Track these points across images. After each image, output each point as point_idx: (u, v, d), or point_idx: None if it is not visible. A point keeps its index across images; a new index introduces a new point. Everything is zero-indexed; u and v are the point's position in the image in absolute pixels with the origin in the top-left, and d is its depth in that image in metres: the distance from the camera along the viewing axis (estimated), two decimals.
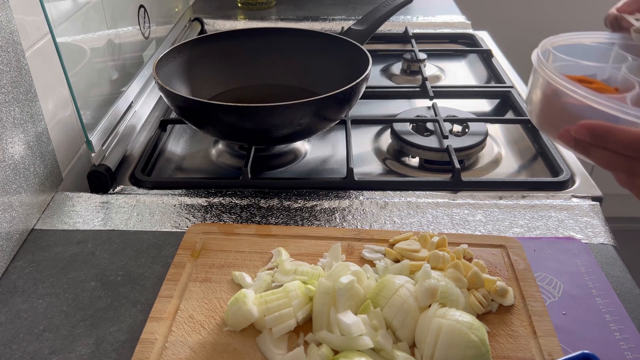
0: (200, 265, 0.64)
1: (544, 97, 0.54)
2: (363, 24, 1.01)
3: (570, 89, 0.49)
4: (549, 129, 0.55)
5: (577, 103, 0.49)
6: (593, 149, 0.47)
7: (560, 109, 0.52)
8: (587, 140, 0.47)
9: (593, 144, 0.47)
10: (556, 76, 0.51)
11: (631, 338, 0.56)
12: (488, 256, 0.65)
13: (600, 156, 0.47)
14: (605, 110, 0.47)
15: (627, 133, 0.45)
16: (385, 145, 0.93)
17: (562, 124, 0.50)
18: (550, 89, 0.52)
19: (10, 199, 0.67)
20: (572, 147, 0.49)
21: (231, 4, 1.50)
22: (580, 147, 0.48)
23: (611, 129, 0.45)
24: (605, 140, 0.46)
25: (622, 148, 0.45)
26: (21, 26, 0.70)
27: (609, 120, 0.46)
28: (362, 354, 0.51)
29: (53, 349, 0.56)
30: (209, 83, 0.98)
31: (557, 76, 0.51)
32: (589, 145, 0.47)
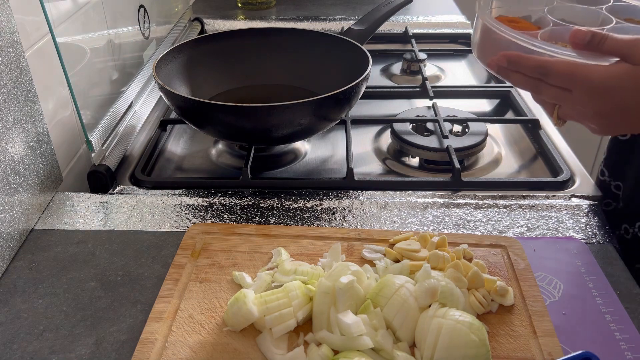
0: (200, 265, 0.64)
1: (481, 35, 0.67)
2: (363, 24, 1.01)
3: (496, 27, 0.62)
4: (484, 59, 0.67)
5: (502, 38, 0.62)
6: (510, 73, 0.61)
7: (491, 43, 0.64)
8: (505, 66, 0.61)
9: (510, 69, 0.61)
10: (489, 17, 0.64)
11: (631, 338, 0.56)
12: (488, 256, 0.65)
13: (515, 79, 0.61)
14: (519, 43, 0.60)
15: (531, 60, 0.58)
16: (385, 145, 0.93)
17: (490, 55, 0.63)
18: (484, 28, 0.65)
19: (10, 199, 0.67)
20: (496, 72, 0.63)
21: (231, 4, 1.50)
22: (502, 72, 0.62)
23: (520, 57, 0.59)
24: (517, 65, 0.59)
25: (529, 71, 0.59)
26: (21, 26, 0.70)
27: (525, 51, 0.59)
28: (362, 354, 0.51)
29: (53, 349, 0.56)
30: (209, 83, 0.98)
31: (490, 17, 0.64)
32: (508, 70, 0.61)
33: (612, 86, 0.54)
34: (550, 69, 0.56)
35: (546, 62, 0.57)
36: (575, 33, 0.56)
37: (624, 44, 0.54)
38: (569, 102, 0.58)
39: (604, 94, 0.54)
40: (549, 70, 0.57)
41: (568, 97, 0.57)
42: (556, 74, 0.56)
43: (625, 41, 0.54)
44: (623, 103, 0.54)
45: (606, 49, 0.55)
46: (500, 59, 0.61)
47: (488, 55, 0.65)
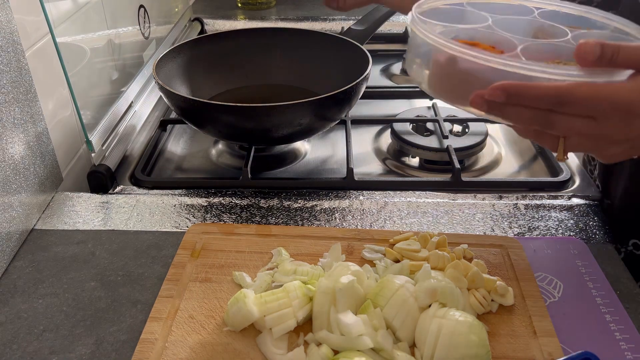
0: (200, 265, 0.64)
1: (438, 65, 0.54)
2: (363, 24, 1.01)
3: (473, 55, 0.50)
4: (448, 95, 0.56)
5: (480, 67, 0.49)
6: (508, 109, 0.49)
7: (459, 75, 0.52)
8: (502, 101, 0.48)
9: (508, 104, 0.49)
10: (449, 43, 0.51)
11: (631, 338, 0.56)
12: (488, 256, 0.65)
13: (515, 114, 0.49)
14: (508, 70, 0.48)
15: (541, 88, 0.47)
16: (385, 145, 0.93)
17: (464, 90, 0.51)
18: (444, 56, 0.52)
19: (10, 199, 0.67)
20: (484, 110, 0.50)
21: (231, 4, 1.50)
22: (494, 109, 0.50)
23: (527, 87, 0.48)
24: (521, 98, 0.48)
25: (539, 103, 0.48)
26: (21, 26, 0.70)
27: (516, 79, 0.48)
28: (362, 354, 0.51)
29: (53, 349, 0.56)
30: (209, 83, 0.98)
31: (450, 43, 0.51)
32: (504, 105, 0.49)
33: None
34: (569, 96, 0.47)
35: (564, 89, 0.47)
36: (582, 47, 0.47)
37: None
38: (589, 131, 0.48)
39: (637, 114, 0.47)
40: (567, 99, 0.47)
41: (590, 127, 0.48)
42: (576, 101, 0.47)
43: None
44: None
45: (621, 62, 0.47)
46: (495, 94, 0.48)
47: (460, 90, 0.53)
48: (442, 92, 0.56)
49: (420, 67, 0.57)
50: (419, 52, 0.56)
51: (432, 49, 0.53)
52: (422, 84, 0.58)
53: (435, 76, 0.56)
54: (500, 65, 0.49)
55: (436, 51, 0.53)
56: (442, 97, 0.57)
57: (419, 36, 0.55)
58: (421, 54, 0.56)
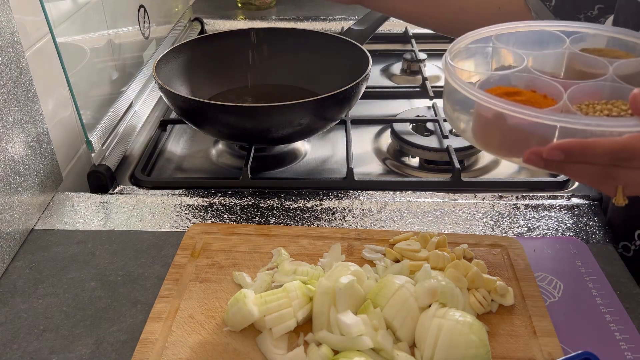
0: (200, 265, 0.64)
1: (483, 120, 0.53)
2: (363, 24, 1.01)
3: (523, 112, 0.48)
4: (496, 149, 0.55)
5: (530, 122, 0.48)
6: (567, 166, 0.48)
7: (508, 130, 0.51)
8: (561, 160, 0.47)
9: (567, 162, 0.47)
10: (494, 99, 0.49)
11: (631, 338, 0.56)
12: (488, 256, 0.65)
13: (575, 171, 0.48)
14: (570, 127, 0.47)
15: (603, 145, 0.46)
16: (385, 145, 0.93)
17: (514, 145, 0.50)
18: (490, 112, 0.51)
19: (10, 199, 0.67)
20: (540, 167, 0.49)
21: (231, 4, 1.50)
22: (551, 166, 0.49)
23: (587, 145, 0.46)
24: (583, 156, 0.47)
25: (600, 159, 0.47)
26: (21, 26, 0.70)
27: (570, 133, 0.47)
28: (362, 354, 0.51)
29: (53, 349, 0.56)
30: (209, 83, 0.98)
31: (496, 99, 0.49)
32: (562, 163, 0.48)
33: None
34: (631, 151, 0.45)
35: (626, 145, 0.45)
36: (637, 97, 0.46)
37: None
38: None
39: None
40: (628, 154, 0.45)
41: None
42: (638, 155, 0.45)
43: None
44: None
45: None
46: (554, 153, 0.47)
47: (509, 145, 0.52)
48: (489, 146, 0.55)
49: (462, 118, 0.55)
50: (460, 103, 0.55)
51: (476, 104, 0.52)
52: (465, 134, 0.56)
53: (481, 130, 0.54)
54: (552, 122, 0.48)
55: (481, 107, 0.52)
56: (490, 150, 0.56)
57: (458, 90, 0.53)
58: (462, 104, 0.55)
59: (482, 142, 0.55)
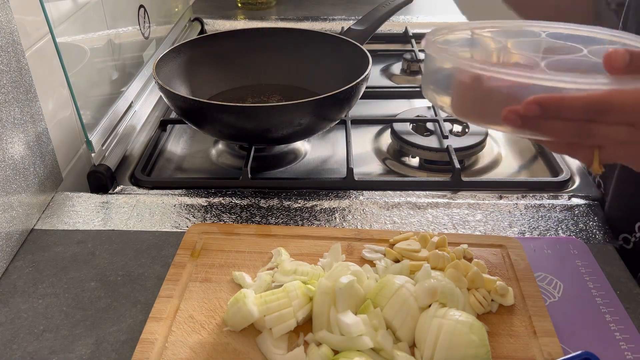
0: (200, 265, 0.64)
1: (462, 86, 0.53)
2: (363, 24, 1.01)
3: (501, 72, 0.48)
4: (475, 115, 0.55)
5: (507, 84, 0.49)
6: (544, 123, 0.48)
7: (487, 94, 0.51)
8: (538, 115, 0.47)
9: (544, 117, 0.47)
10: (473, 62, 0.50)
11: (631, 338, 0.56)
12: (488, 256, 0.65)
13: (552, 128, 0.48)
14: (544, 84, 0.47)
15: (581, 98, 0.46)
16: (385, 145, 0.93)
17: (493, 109, 0.50)
18: (469, 76, 0.51)
19: (10, 199, 0.67)
20: (517, 126, 0.49)
21: (231, 4, 1.50)
22: (529, 124, 0.49)
23: (564, 98, 0.46)
24: (559, 110, 0.47)
25: (576, 114, 0.47)
26: (21, 26, 0.70)
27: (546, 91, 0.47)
28: (362, 354, 0.51)
29: (53, 349, 0.56)
30: (209, 83, 0.98)
31: (474, 62, 0.50)
32: (539, 119, 0.48)
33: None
34: (609, 104, 0.46)
35: (602, 98, 0.46)
36: (612, 55, 0.46)
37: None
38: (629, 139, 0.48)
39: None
40: (608, 107, 0.46)
41: (630, 134, 0.47)
42: (619, 108, 0.46)
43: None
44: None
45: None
46: (530, 108, 0.47)
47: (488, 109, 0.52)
48: (467, 114, 0.55)
49: (441, 90, 0.56)
50: (439, 76, 0.55)
51: (454, 70, 0.53)
52: (444, 106, 0.57)
53: (460, 98, 0.55)
54: (529, 80, 0.48)
55: (459, 72, 0.52)
56: (469, 118, 0.56)
57: (437, 59, 0.54)
58: (441, 77, 0.55)
59: (462, 110, 0.55)
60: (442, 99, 0.56)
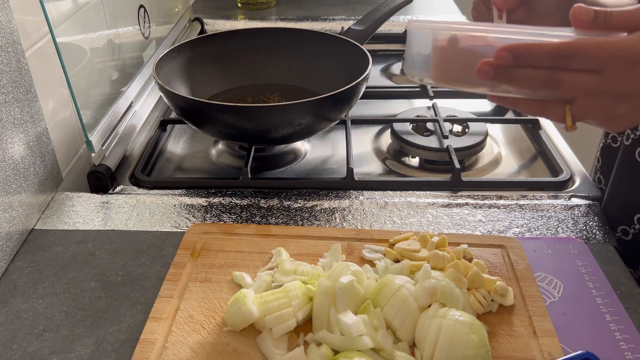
0: (200, 265, 0.64)
1: (440, 50, 0.56)
2: (363, 24, 1.01)
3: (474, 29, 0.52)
4: (453, 77, 0.57)
5: (481, 43, 0.52)
6: (516, 72, 0.50)
7: (462, 54, 0.54)
8: (509, 63, 0.50)
9: (516, 65, 0.50)
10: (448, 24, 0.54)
11: (631, 338, 0.56)
12: (488, 256, 0.65)
13: (523, 77, 0.50)
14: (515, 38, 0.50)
15: (549, 45, 0.49)
16: (385, 145, 0.93)
17: (469, 68, 0.52)
18: (445, 39, 0.55)
19: (10, 199, 0.67)
20: (491, 78, 0.51)
21: (231, 4, 1.50)
22: (502, 74, 0.51)
23: (532, 46, 0.49)
24: (529, 57, 0.49)
25: (545, 60, 0.49)
26: (21, 26, 0.70)
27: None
28: (362, 354, 0.51)
29: (53, 349, 0.56)
30: (209, 83, 0.98)
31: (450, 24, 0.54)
32: (511, 69, 0.50)
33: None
34: (574, 50, 0.48)
35: (568, 44, 0.48)
36: (578, 10, 0.49)
37: (632, 15, 0.49)
38: (595, 88, 0.49)
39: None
40: (574, 52, 0.48)
41: (596, 82, 0.49)
42: (584, 53, 0.48)
43: (632, 12, 0.49)
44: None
45: (614, 24, 0.49)
46: (502, 56, 0.50)
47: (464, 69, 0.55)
48: (446, 78, 0.58)
49: (421, 60, 0.59)
50: (418, 46, 0.58)
51: (433, 36, 0.56)
52: (424, 76, 0.59)
53: (439, 61, 0.57)
54: (501, 34, 0.51)
55: (437, 36, 0.55)
56: (447, 82, 0.58)
57: (417, 31, 0.57)
58: (421, 46, 0.58)
59: (440, 75, 0.58)
60: (422, 72, 0.59)
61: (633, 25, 0.49)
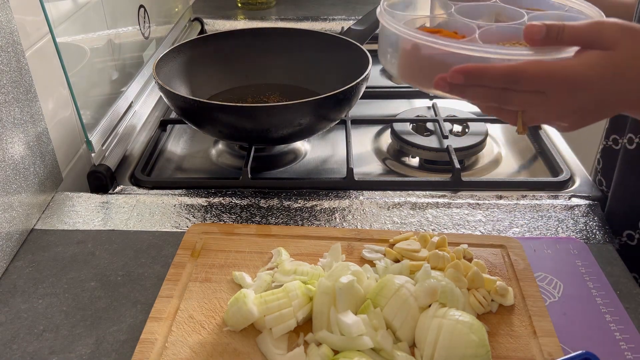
0: (200, 265, 0.64)
1: (404, 53, 0.59)
2: (363, 24, 1.01)
3: (434, 42, 0.54)
4: (415, 80, 0.60)
5: (441, 52, 0.54)
6: (468, 89, 0.53)
7: (423, 60, 0.57)
8: (462, 83, 0.52)
9: (468, 85, 0.53)
10: (413, 32, 0.55)
11: (631, 338, 0.56)
12: (488, 256, 0.65)
13: (474, 94, 0.54)
14: (467, 54, 0.53)
15: (497, 68, 0.51)
16: (385, 145, 0.93)
17: (428, 74, 0.55)
18: (409, 44, 0.57)
19: (10, 199, 0.67)
20: (446, 92, 0.54)
21: (231, 4, 1.50)
22: (455, 90, 0.54)
23: (483, 69, 0.51)
24: (479, 79, 0.52)
25: (494, 82, 0.52)
26: (21, 26, 0.70)
27: (474, 61, 0.52)
28: (362, 354, 0.51)
29: (53, 349, 0.56)
30: (209, 83, 0.98)
31: (414, 32, 0.55)
32: (464, 87, 0.53)
33: (591, 78, 0.50)
34: (522, 74, 0.50)
35: (515, 68, 0.51)
36: (530, 28, 0.51)
37: (584, 30, 0.50)
38: (541, 105, 0.52)
39: (584, 88, 0.51)
40: (520, 76, 0.51)
41: (542, 101, 0.52)
42: (529, 78, 0.51)
43: (585, 27, 0.50)
44: (602, 94, 0.51)
45: (567, 39, 0.51)
46: (455, 76, 0.52)
47: (423, 74, 0.58)
48: (410, 78, 0.61)
49: (390, 56, 0.61)
50: (389, 42, 0.61)
51: (399, 38, 0.58)
52: (392, 71, 0.63)
53: (403, 63, 0.60)
54: (458, 50, 0.53)
55: (402, 40, 0.58)
56: (411, 82, 0.61)
57: (386, 27, 0.59)
58: (390, 44, 0.61)
59: (405, 75, 0.61)
60: (390, 69, 0.62)
61: (585, 41, 0.51)
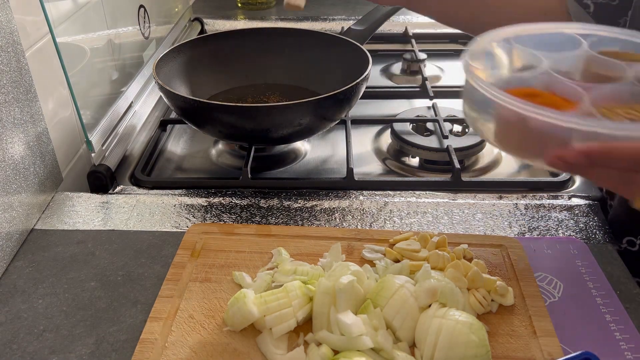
0: (200, 265, 0.64)
1: (504, 122, 0.52)
2: (363, 24, 1.01)
3: (549, 116, 0.47)
4: (518, 152, 0.54)
5: (553, 126, 0.47)
6: (590, 170, 0.48)
7: (529, 132, 0.50)
8: (585, 164, 0.46)
9: (591, 166, 0.47)
10: (517, 101, 0.48)
11: (631, 338, 0.56)
12: (488, 256, 0.65)
13: (599, 175, 0.48)
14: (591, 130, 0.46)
15: (625, 149, 0.45)
16: (385, 145, 0.93)
17: (537, 146, 0.50)
18: (514, 115, 0.49)
19: (10, 199, 0.67)
20: (563, 171, 0.49)
21: (231, 4, 1.50)
22: (574, 170, 0.49)
23: (610, 149, 0.45)
24: (606, 160, 0.46)
25: (621, 164, 0.46)
26: (21, 26, 0.70)
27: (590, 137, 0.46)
28: (362, 354, 0.51)
29: (53, 349, 0.56)
30: (209, 83, 0.98)
31: (519, 101, 0.48)
32: (585, 167, 0.47)
33: None
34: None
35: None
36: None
37: None
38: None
39: None
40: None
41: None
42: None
43: None
44: None
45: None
46: (578, 157, 0.46)
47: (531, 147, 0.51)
48: (512, 149, 0.55)
49: (484, 121, 0.55)
50: (481, 105, 0.54)
51: (496, 104, 0.50)
52: (487, 138, 0.55)
53: (501, 131, 0.53)
54: (576, 125, 0.46)
55: (502, 109, 0.50)
56: (512, 153, 0.56)
57: (478, 90, 0.52)
58: (483, 107, 0.54)
59: (503, 143, 0.54)
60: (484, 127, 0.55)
61: None
